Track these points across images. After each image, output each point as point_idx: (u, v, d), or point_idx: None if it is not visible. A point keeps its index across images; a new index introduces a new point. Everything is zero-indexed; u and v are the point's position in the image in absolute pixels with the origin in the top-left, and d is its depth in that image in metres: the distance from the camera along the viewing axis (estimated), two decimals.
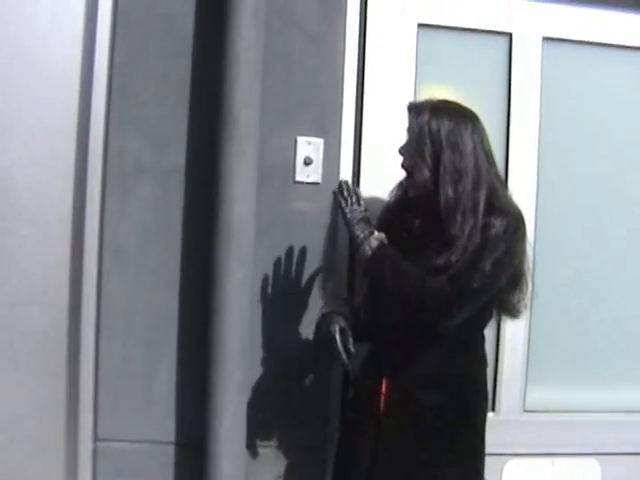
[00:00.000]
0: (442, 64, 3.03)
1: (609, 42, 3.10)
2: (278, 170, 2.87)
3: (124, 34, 2.81)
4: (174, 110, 2.83)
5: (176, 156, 2.84)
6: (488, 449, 2.95)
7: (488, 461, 2.96)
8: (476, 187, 2.36)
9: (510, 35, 3.04)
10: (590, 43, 3.09)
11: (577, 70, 3.10)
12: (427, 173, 2.38)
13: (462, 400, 2.44)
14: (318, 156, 2.88)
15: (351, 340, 2.45)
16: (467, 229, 2.32)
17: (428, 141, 2.38)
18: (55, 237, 2.81)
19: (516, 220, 2.38)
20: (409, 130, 2.45)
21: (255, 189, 2.77)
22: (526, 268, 2.47)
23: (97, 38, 2.78)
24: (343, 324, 2.48)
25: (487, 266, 2.29)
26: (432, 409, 2.41)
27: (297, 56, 2.88)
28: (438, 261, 2.32)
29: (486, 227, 2.32)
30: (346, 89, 2.92)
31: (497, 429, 3.00)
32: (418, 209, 2.45)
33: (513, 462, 3.05)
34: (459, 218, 2.33)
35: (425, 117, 2.39)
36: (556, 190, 3.09)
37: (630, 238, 3.18)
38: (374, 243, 2.41)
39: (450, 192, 2.34)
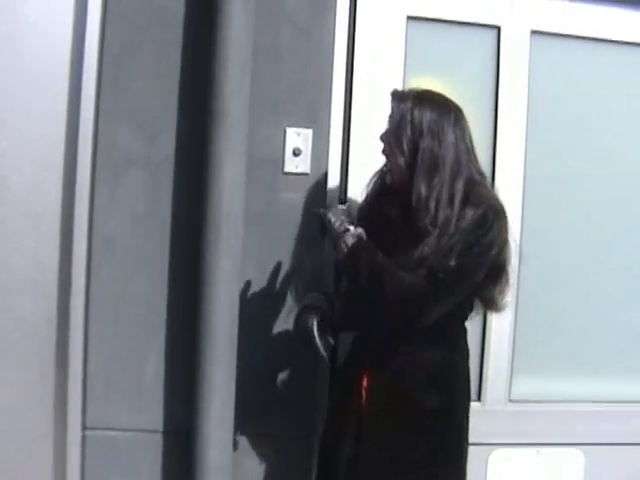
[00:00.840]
0: (431, 57, 3.04)
1: (598, 36, 3.12)
2: (267, 161, 2.88)
3: (115, 25, 2.81)
4: (164, 101, 2.84)
5: (166, 147, 2.85)
6: (473, 439, 2.98)
7: (473, 451, 2.98)
8: (454, 178, 2.33)
9: (498, 28, 3.06)
10: (578, 37, 3.11)
11: (565, 64, 3.12)
12: (403, 160, 2.36)
13: (444, 393, 2.43)
14: (307, 147, 2.89)
15: (330, 333, 2.47)
16: (441, 221, 2.29)
17: (409, 128, 2.35)
18: (45, 227, 2.81)
19: (493, 211, 2.33)
20: (390, 117, 2.42)
21: (244, 180, 2.78)
22: (506, 260, 2.41)
23: (87, 29, 2.77)
24: (320, 318, 2.48)
25: (459, 259, 2.26)
26: (413, 402, 2.40)
27: (287, 48, 2.89)
28: (414, 254, 2.28)
29: (459, 219, 2.29)
30: (335, 80, 2.93)
31: (482, 419, 3.03)
32: (395, 197, 2.43)
33: (498, 452, 3.08)
34: (432, 209, 2.30)
35: (408, 105, 2.37)
36: (543, 183, 3.11)
37: (617, 231, 3.21)
38: (350, 240, 2.38)
39: (424, 182, 2.31)
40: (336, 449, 2.49)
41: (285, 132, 2.88)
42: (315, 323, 2.47)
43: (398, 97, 2.42)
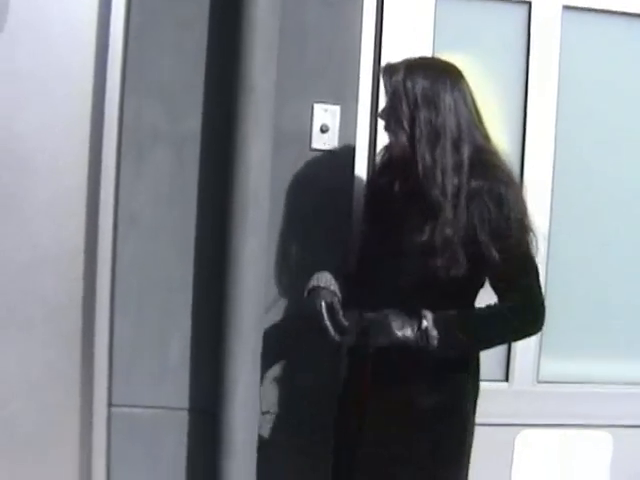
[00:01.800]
0: (460, 33, 3.00)
1: (631, 11, 3.05)
2: (294, 137, 2.84)
3: (139, 2, 2.79)
4: (190, 77, 2.81)
5: (192, 123, 2.82)
6: (501, 419, 2.99)
7: (500, 431, 3.00)
8: (457, 146, 2.25)
9: (529, 4, 3.00)
10: (611, 12, 3.04)
11: (597, 40, 3.06)
12: (404, 136, 2.27)
13: (451, 384, 2.36)
14: (335, 123, 2.86)
15: (342, 314, 2.36)
16: (450, 190, 2.22)
17: (403, 101, 2.26)
18: (70, 206, 2.81)
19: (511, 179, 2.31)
20: (385, 93, 2.35)
21: (271, 156, 2.75)
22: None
23: (112, 6, 2.74)
24: (330, 299, 2.39)
25: (529, 250, 2.27)
26: (418, 393, 2.34)
27: (314, 23, 2.85)
28: (423, 237, 2.23)
29: (489, 199, 2.22)
30: (363, 56, 2.88)
31: (510, 399, 3.04)
32: (400, 174, 2.34)
33: (525, 432, 3.05)
34: (439, 179, 2.22)
35: (399, 76, 2.28)
36: (574, 160, 3.07)
37: None
38: (434, 333, 2.24)
39: (427, 153, 2.24)
40: (342, 438, 2.48)
41: (313, 108, 2.85)
42: (324, 305, 2.37)
43: (389, 71, 2.33)
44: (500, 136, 2.99)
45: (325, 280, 2.47)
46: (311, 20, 2.85)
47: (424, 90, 2.26)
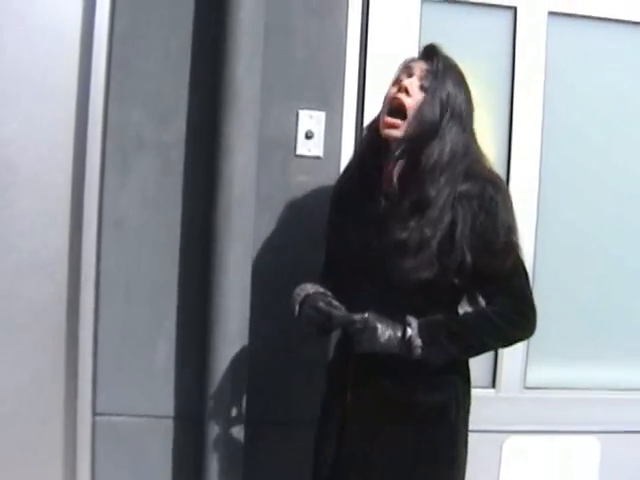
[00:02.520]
0: (446, 39, 2.93)
1: (615, 17, 3.05)
2: (279, 143, 2.84)
3: (124, 5, 2.78)
4: (174, 82, 2.81)
5: (176, 129, 2.82)
6: (488, 426, 2.98)
7: (487, 438, 2.98)
8: (463, 159, 2.24)
9: (515, 9, 3.00)
10: (596, 18, 3.05)
11: (582, 45, 3.07)
12: (437, 114, 2.20)
13: (438, 393, 2.30)
14: (320, 129, 2.85)
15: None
16: (445, 192, 2.18)
17: (440, 106, 2.21)
18: (55, 210, 2.80)
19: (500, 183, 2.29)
20: (425, 76, 2.25)
21: (256, 163, 2.75)
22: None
23: (97, 9, 2.74)
24: (326, 299, 2.29)
25: (519, 253, 2.26)
26: (405, 402, 2.27)
27: (299, 29, 2.85)
28: (404, 234, 2.18)
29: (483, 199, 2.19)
30: (348, 62, 2.89)
31: (497, 406, 3.02)
32: (393, 159, 2.24)
33: (513, 439, 3.05)
34: (442, 180, 2.19)
35: (448, 85, 2.24)
36: (560, 167, 3.06)
37: (635, 216, 3.15)
38: (417, 342, 2.19)
39: (450, 144, 2.20)
40: (324, 437, 2.42)
41: (297, 115, 2.84)
42: (322, 304, 2.26)
43: (442, 66, 2.27)
44: (486, 141, 3.02)
45: (309, 287, 2.38)
46: (296, 26, 2.85)
47: (461, 106, 2.25)
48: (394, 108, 2.24)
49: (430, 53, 2.30)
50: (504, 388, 3.05)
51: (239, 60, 2.69)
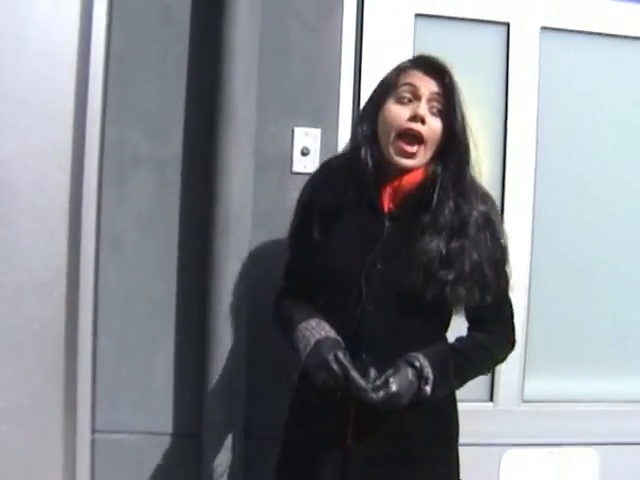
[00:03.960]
0: (439, 54, 2.99)
1: (608, 32, 3.08)
2: (275, 161, 2.86)
3: (120, 25, 2.80)
4: (171, 100, 2.83)
5: (173, 146, 2.83)
6: (486, 439, 2.98)
7: (486, 451, 2.98)
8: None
9: (508, 25, 3.02)
10: (589, 33, 3.07)
11: (575, 60, 3.08)
12: (464, 138, 2.17)
13: (440, 419, 2.25)
14: (315, 146, 2.87)
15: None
16: (476, 214, 2.16)
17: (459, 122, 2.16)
18: (53, 228, 2.80)
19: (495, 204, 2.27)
20: (435, 99, 2.16)
21: (252, 180, 2.76)
22: None
23: (93, 28, 2.76)
24: (342, 350, 2.11)
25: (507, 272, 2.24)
26: (408, 432, 2.19)
27: (294, 46, 2.87)
28: (438, 253, 2.12)
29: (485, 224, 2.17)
30: (343, 79, 2.90)
31: (495, 419, 3.03)
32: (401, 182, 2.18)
33: (511, 452, 3.04)
34: (452, 203, 2.14)
35: (457, 98, 2.18)
36: (555, 181, 3.07)
37: (631, 228, 3.16)
38: (428, 390, 2.10)
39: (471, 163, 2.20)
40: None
41: (293, 132, 2.86)
42: (341, 354, 2.09)
43: (451, 80, 2.20)
44: (481, 156, 3.04)
45: (314, 325, 2.21)
46: (291, 44, 2.87)
47: (465, 119, 2.21)
48: (408, 136, 2.15)
49: (437, 70, 2.20)
50: (502, 401, 3.05)
51: (235, 78, 2.71)
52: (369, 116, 2.24)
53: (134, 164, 2.83)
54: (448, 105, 2.16)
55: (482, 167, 2.27)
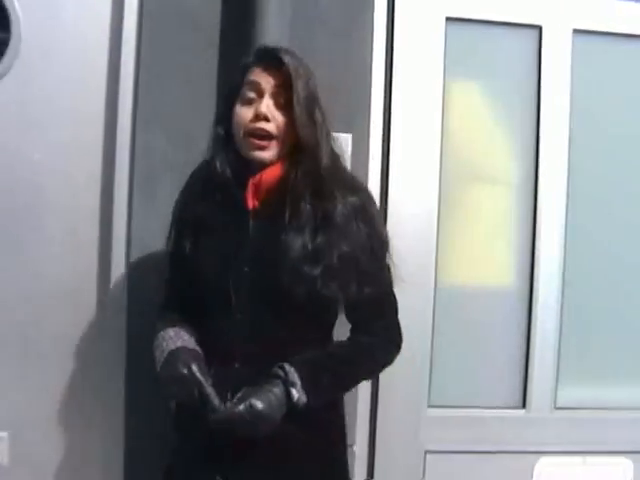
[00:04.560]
0: (471, 58, 3.00)
1: None
2: None
3: (150, 30, 2.79)
4: (201, 107, 2.80)
5: (203, 153, 2.82)
6: (518, 447, 2.96)
7: (518, 459, 2.95)
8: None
9: (540, 28, 3.00)
10: (622, 35, 3.04)
11: (608, 63, 3.06)
12: (311, 128, 2.12)
13: (316, 422, 2.11)
14: (347, 152, 2.85)
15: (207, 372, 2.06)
16: (339, 207, 2.07)
17: (317, 108, 2.15)
18: (84, 233, 2.79)
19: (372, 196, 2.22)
20: (278, 92, 2.11)
21: None
22: None
23: (123, 34, 2.76)
24: (198, 362, 2.05)
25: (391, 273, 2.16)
26: (287, 448, 2.08)
27: (324, 52, 2.84)
28: (302, 250, 2.04)
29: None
30: (374, 84, 2.89)
31: (528, 427, 3.00)
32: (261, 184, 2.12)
33: (544, 460, 3.01)
34: (333, 190, 2.08)
35: (308, 74, 2.15)
36: (588, 188, 3.05)
37: None
38: (302, 399, 2.01)
39: (326, 163, 2.12)
40: None
41: None
42: (195, 367, 2.02)
43: (291, 66, 2.13)
44: (513, 161, 3.02)
45: (172, 334, 2.16)
46: (321, 49, 2.84)
47: (320, 104, 2.18)
48: (257, 135, 2.12)
49: (277, 61, 2.13)
50: (534, 408, 3.02)
51: None
52: (223, 117, 2.20)
53: (163, 169, 2.81)
54: (290, 97, 2.09)
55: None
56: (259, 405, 1.95)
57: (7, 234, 2.77)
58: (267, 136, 2.11)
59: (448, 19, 2.95)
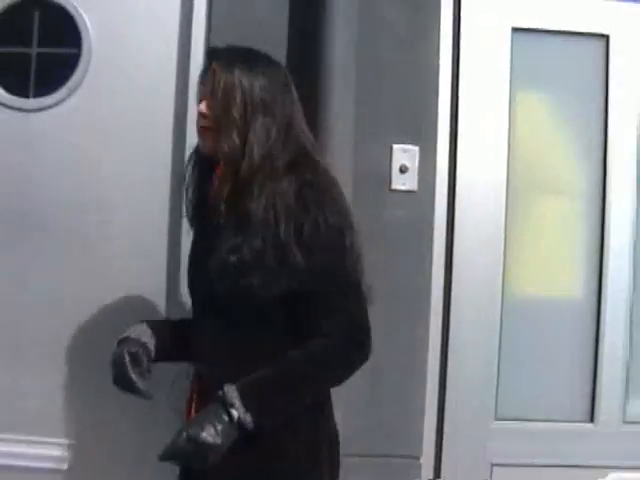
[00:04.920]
0: (537, 68, 2.97)
1: None
2: (374, 178, 2.84)
3: (218, 39, 2.77)
4: None
5: None
6: (586, 461, 2.92)
7: (586, 473, 2.92)
8: (285, 151, 2.05)
9: (607, 37, 2.97)
10: None
11: None
12: (237, 140, 2.01)
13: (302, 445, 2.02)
14: (414, 164, 2.85)
15: (146, 362, 2.13)
16: (264, 200, 1.96)
17: (240, 102, 2.02)
18: (152, 246, 2.81)
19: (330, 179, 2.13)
20: (213, 83, 2.05)
21: (350, 197, 2.73)
22: None
23: (192, 49, 2.79)
24: (135, 349, 2.12)
25: (347, 263, 2.02)
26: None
27: (391, 63, 2.85)
28: (227, 254, 1.97)
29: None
30: (441, 95, 2.88)
31: (596, 440, 2.97)
32: (222, 180, 2.07)
33: (612, 475, 2.96)
34: (256, 190, 1.97)
35: (235, 73, 2.03)
36: None
37: None
38: (247, 419, 1.89)
39: (256, 160, 1.99)
40: None
41: (392, 149, 2.84)
42: (127, 354, 2.10)
43: (222, 62, 2.06)
44: (581, 172, 2.99)
45: (138, 331, 2.20)
46: (388, 61, 2.85)
47: (262, 92, 2.04)
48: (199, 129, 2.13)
49: (210, 58, 2.12)
50: (603, 422, 2.98)
51: (332, 97, 2.70)
52: None
53: None
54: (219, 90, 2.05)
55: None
56: (201, 434, 1.86)
57: (77, 249, 2.81)
58: (203, 128, 2.11)
59: (514, 29, 2.94)
